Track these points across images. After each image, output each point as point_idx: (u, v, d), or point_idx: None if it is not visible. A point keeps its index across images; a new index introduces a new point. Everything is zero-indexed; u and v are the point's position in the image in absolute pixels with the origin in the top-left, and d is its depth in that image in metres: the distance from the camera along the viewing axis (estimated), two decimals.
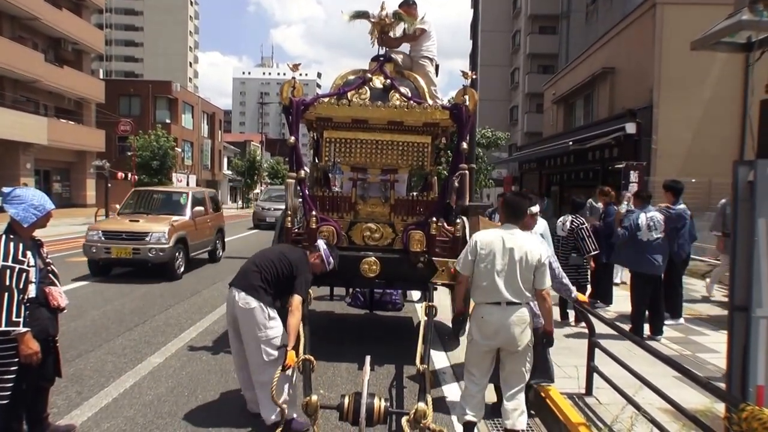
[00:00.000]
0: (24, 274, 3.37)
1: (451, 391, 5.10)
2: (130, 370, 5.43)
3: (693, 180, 12.59)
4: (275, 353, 3.91)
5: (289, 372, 3.82)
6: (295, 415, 4.00)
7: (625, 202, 7.41)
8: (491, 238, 3.83)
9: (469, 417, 3.83)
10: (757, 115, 3.17)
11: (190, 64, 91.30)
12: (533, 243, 3.88)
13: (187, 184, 37.54)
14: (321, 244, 4.58)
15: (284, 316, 4.00)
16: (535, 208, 4.93)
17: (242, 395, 4.35)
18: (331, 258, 4.50)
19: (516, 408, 3.79)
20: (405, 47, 6.58)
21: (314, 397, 3.61)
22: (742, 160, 3.17)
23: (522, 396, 3.87)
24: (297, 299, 4.01)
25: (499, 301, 3.73)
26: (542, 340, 4.06)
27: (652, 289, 6.59)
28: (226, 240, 14.64)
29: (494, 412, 4.33)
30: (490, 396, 4.34)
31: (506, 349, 3.79)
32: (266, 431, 3.92)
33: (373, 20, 6.13)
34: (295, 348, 3.92)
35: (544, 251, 3.85)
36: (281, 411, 3.76)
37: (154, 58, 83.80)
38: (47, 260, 3.80)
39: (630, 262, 6.85)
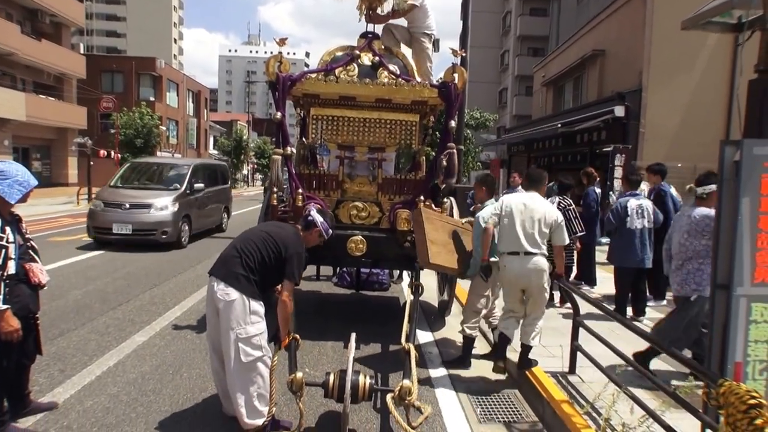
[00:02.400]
0: (3, 251, 3.31)
1: (436, 370, 5.14)
2: (113, 348, 5.39)
3: (679, 165, 12.64)
4: (254, 354, 3.49)
5: (267, 371, 3.53)
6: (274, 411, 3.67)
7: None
8: (515, 201, 4.76)
9: (504, 331, 4.80)
10: (744, 95, 3.17)
11: (175, 40, 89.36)
12: (550, 206, 4.82)
13: None
14: (316, 216, 3.98)
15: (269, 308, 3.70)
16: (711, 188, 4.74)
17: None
18: (329, 229, 4.05)
19: (533, 331, 4.68)
20: (403, 21, 6.46)
21: (299, 375, 3.60)
22: (729, 140, 3.19)
23: (539, 324, 4.73)
24: (288, 286, 3.62)
25: (518, 251, 4.58)
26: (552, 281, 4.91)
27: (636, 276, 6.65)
28: None
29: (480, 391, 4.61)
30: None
31: (526, 290, 4.67)
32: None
33: None
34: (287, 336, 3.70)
35: (559, 214, 4.75)
36: (269, 414, 3.58)
37: (137, 34, 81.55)
38: (27, 236, 3.74)
39: (616, 258, 6.64)
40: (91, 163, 24.68)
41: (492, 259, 4.92)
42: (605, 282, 8.02)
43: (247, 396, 3.51)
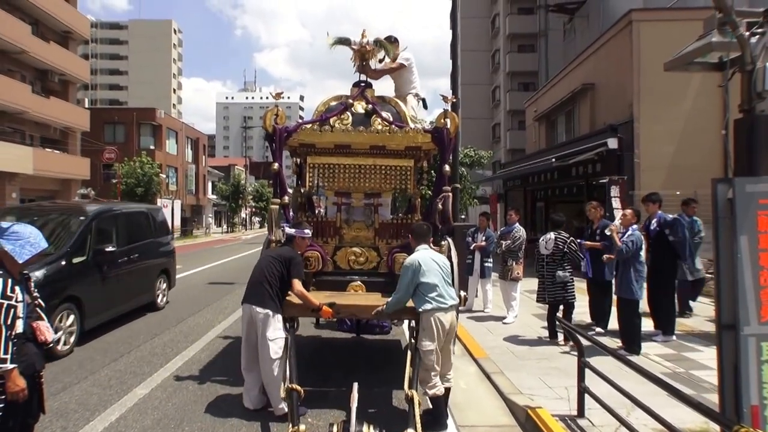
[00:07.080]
0: (12, 310, 3.31)
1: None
2: (115, 402, 5.32)
3: (678, 192, 12.68)
4: (279, 352, 4.85)
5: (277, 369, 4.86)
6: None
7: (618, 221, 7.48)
8: None
9: None
10: (732, 133, 3.21)
11: (174, 90, 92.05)
12: None
13: (172, 210, 37.23)
14: (289, 231, 5.37)
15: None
16: None
17: (240, 403, 5.13)
18: (304, 230, 5.35)
19: None
20: (390, 88, 6.58)
21: (302, 427, 3.57)
22: (722, 177, 3.21)
23: None
24: (298, 283, 5.03)
25: None
26: None
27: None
28: None
29: None
30: None
31: None
32: None
33: (354, 47, 6.15)
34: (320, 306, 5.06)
35: None
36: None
37: (139, 86, 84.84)
38: (34, 294, 3.74)
39: (625, 290, 6.75)
40: None
41: (421, 309, 4.68)
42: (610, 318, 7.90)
43: (276, 390, 4.87)
